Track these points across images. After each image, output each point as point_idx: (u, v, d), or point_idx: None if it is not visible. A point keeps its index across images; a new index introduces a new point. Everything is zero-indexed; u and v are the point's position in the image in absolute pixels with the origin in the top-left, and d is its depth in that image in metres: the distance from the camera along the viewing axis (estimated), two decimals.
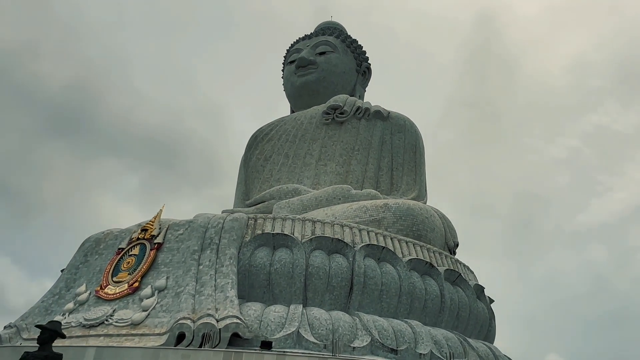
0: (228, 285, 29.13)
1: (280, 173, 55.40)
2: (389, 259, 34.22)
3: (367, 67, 68.56)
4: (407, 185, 54.22)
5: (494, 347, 35.17)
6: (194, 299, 28.61)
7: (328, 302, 31.39)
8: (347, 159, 54.31)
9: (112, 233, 36.36)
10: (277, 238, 32.67)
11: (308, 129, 57.18)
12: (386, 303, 32.59)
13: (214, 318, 26.67)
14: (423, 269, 35.26)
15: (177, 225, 34.01)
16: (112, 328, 28.41)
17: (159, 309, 28.90)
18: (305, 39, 67.90)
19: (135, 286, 30.83)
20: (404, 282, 33.27)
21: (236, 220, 33.02)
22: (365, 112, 56.99)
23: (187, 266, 30.66)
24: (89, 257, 35.10)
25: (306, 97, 63.17)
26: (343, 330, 28.45)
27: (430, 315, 33.99)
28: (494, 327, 40.70)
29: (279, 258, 31.71)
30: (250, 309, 28.72)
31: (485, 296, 40.22)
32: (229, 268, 30.20)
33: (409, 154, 56.24)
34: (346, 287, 31.71)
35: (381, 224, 40.70)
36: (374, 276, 32.43)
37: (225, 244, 31.50)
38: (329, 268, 31.75)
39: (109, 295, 31.04)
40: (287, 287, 31.05)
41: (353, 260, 32.43)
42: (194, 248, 31.55)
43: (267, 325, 27.84)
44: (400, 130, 57.32)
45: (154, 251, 32.55)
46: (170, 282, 30.41)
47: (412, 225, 40.65)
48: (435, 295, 34.33)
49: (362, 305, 31.86)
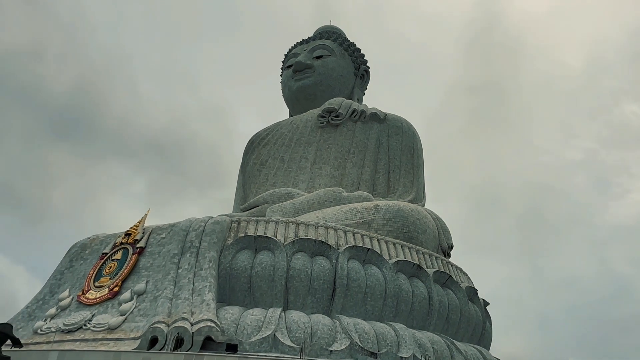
0: (205, 288, 28.77)
1: (275, 177, 55.05)
2: (375, 261, 33.53)
3: (365, 70, 68.00)
4: (405, 187, 53.37)
5: (484, 350, 34.14)
6: (170, 302, 28.31)
7: (310, 305, 30.80)
8: (342, 161, 53.74)
9: (98, 238, 36.34)
10: (258, 241, 32.24)
11: (303, 133, 56.81)
12: (371, 306, 31.87)
13: (189, 322, 26.31)
14: (411, 271, 34.46)
15: (160, 229, 33.82)
16: (89, 333, 28.23)
17: (136, 313, 28.64)
18: (303, 43, 67.66)
19: (116, 291, 30.65)
20: (390, 285, 32.53)
21: (217, 223, 32.70)
22: (362, 115, 56.41)
23: (167, 270, 30.40)
24: (74, 263, 35.09)
25: (304, 101, 62.82)
26: (322, 334, 27.83)
27: (417, 318, 33.15)
28: (489, 329, 39.59)
29: (260, 261, 31.26)
30: (228, 313, 28.29)
31: (479, 298, 39.17)
32: (208, 271, 29.85)
33: (406, 156, 55.45)
34: (328, 290, 31.09)
35: (371, 226, 40.03)
36: (357, 278, 31.76)
37: (205, 247, 31.18)
38: (310, 270, 31.20)
39: (90, 300, 30.91)
40: (267, 291, 30.56)
41: (336, 262, 31.83)
42: (174, 252, 31.31)
43: (243, 328, 27.37)
44: (398, 132, 56.59)
45: (135, 255, 32.38)
46: (149, 286, 30.16)
47: (402, 227, 39.88)
48: (422, 297, 33.49)
49: (345, 308, 31.19)
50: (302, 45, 67.46)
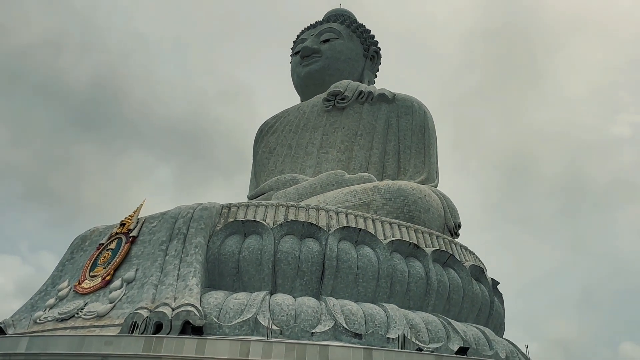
0: (190, 274, 28.71)
1: (284, 164, 54.63)
2: (368, 242, 32.58)
3: (375, 52, 66.31)
4: (415, 168, 51.80)
5: (488, 330, 32.62)
6: (155, 289, 28.42)
7: (299, 288, 30.26)
8: (349, 145, 52.67)
9: (97, 230, 37.02)
10: (247, 225, 31.92)
11: (310, 118, 56.08)
12: (363, 287, 31.01)
13: (170, 307, 26.29)
14: (407, 251, 33.30)
15: (153, 217, 34.04)
16: (80, 321, 28.76)
17: (124, 300, 28.94)
18: (310, 28, 66.64)
19: (108, 279, 31.08)
20: (383, 265, 31.53)
21: (206, 209, 32.59)
22: (369, 96, 55.08)
23: (155, 257, 30.55)
24: (74, 254, 35.90)
25: (312, 87, 61.87)
26: (305, 316, 27.26)
27: (414, 298, 32.03)
28: (499, 309, 37.86)
29: (247, 245, 30.96)
30: (212, 297, 28.14)
31: (487, 278, 37.51)
32: (194, 257, 29.78)
33: (417, 135, 53.74)
34: (317, 272, 30.46)
35: (370, 206, 39.03)
36: (348, 259, 30.95)
37: (192, 234, 31.12)
38: (299, 253, 30.63)
39: (85, 289, 31.49)
40: (255, 274, 30.24)
41: (325, 244, 31.10)
42: (162, 239, 31.42)
43: (226, 312, 27.16)
44: (408, 112, 54.89)
45: (128, 244, 32.72)
46: (139, 273, 30.40)
47: (402, 207, 38.65)
48: (419, 277, 32.31)
49: (336, 290, 30.48)
50: (310, 30, 66.47)
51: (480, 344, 30.71)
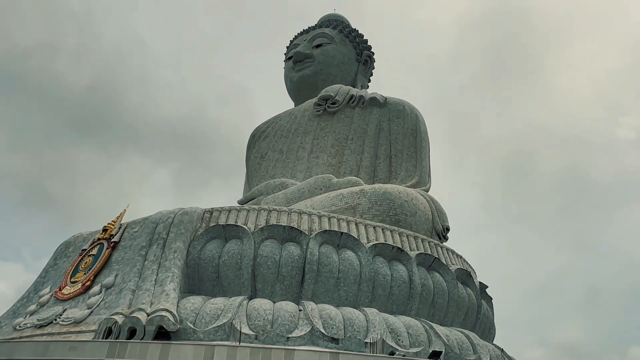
0: (167, 279, 28.48)
1: (275, 169, 54.47)
2: (350, 245, 32.23)
3: (368, 56, 66.21)
4: (407, 171, 51.44)
5: (473, 335, 32.05)
6: (133, 294, 28.19)
7: (279, 292, 29.94)
8: (339, 149, 52.46)
9: (81, 236, 36.92)
10: (227, 229, 31.69)
11: (301, 123, 55.93)
12: (344, 291, 30.65)
13: (145, 312, 26.05)
14: (391, 254, 32.91)
15: (135, 223, 33.90)
16: (57, 327, 28.56)
17: (102, 306, 28.73)
18: (303, 33, 66.74)
19: (88, 285, 30.92)
20: (365, 269, 31.16)
21: (186, 214, 32.41)
22: (360, 100, 54.92)
23: (134, 262, 30.35)
24: (58, 261, 35.80)
25: (305, 92, 61.82)
26: (282, 321, 26.90)
27: (397, 302, 31.60)
28: (487, 314, 37.30)
29: (227, 249, 30.72)
30: (189, 302, 27.86)
31: (475, 281, 37.00)
32: (172, 262, 29.56)
33: (408, 139, 53.42)
34: (297, 277, 30.13)
35: (356, 210, 38.75)
36: (329, 263, 30.61)
37: (172, 238, 30.93)
38: (279, 257, 30.33)
39: (65, 295, 31.32)
40: (235, 279, 29.97)
41: (306, 247, 30.80)
42: (142, 244, 31.24)
43: (202, 317, 26.86)
44: (399, 115, 54.64)
45: (109, 250, 32.57)
46: (118, 279, 30.21)
47: (388, 210, 38.33)
48: (402, 281, 31.89)
49: (316, 294, 30.12)
50: (303, 35, 66.54)
51: (463, 348, 30.19)
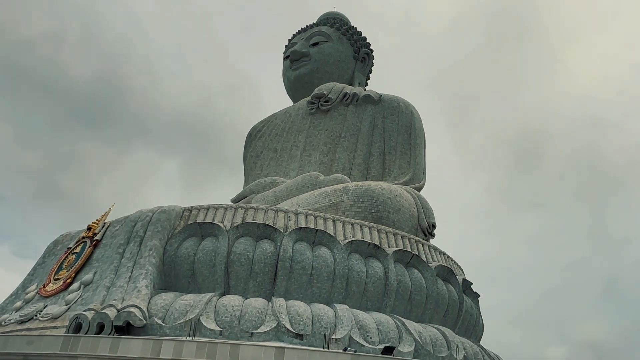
0: (141, 276, 29.08)
1: (269, 168, 54.87)
2: (326, 242, 32.36)
3: (366, 53, 66.06)
4: (400, 168, 51.24)
5: (449, 332, 31.82)
6: (107, 290, 28.88)
7: (252, 289, 30.27)
8: (332, 147, 52.51)
9: (69, 234, 37.89)
10: (204, 227, 32.15)
11: (295, 121, 56.19)
12: (317, 288, 30.79)
13: (115, 308, 26.67)
14: (367, 251, 32.91)
15: (117, 221, 34.65)
16: (36, 322, 29.45)
17: (79, 302, 29.51)
18: (301, 32, 66.94)
19: (69, 282, 31.77)
20: (339, 266, 31.24)
21: (164, 212, 32.99)
22: (354, 98, 54.90)
23: (111, 260, 31.07)
24: (46, 259, 36.84)
25: (302, 90, 62.06)
26: (250, 317, 27.21)
27: (372, 299, 31.60)
28: (470, 310, 36.92)
29: (202, 247, 31.19)
30: (160, 299, 28.40)
31: (457, 278, 36.64)
32: (147, 259, 30.16)
33: (402, 136, 53.19)
34: (270, 273, 30.40)
35: (339, 207, 38.83)
36: (302, 260, 30.80)
37: (148, 236, 31.54)
38: (252, 254, 30.65)
39: (47, 292, 32.26)
40: (209, 276, 30.39)
41: (280, 245, 31.04)
42: (120, 242, 31.94)
43: (171, 314, 27.36)
44: (394, 112, 54.45)
45: (91, 248, 33.39)
46: (96, 276, 30.97)
47: (370, 207, 38.29)
48: (377, 278, 31.87)
49: (289, 291, 30.35)
50: (301, 34, 66.77)
51: (437, 345, 30.05)
